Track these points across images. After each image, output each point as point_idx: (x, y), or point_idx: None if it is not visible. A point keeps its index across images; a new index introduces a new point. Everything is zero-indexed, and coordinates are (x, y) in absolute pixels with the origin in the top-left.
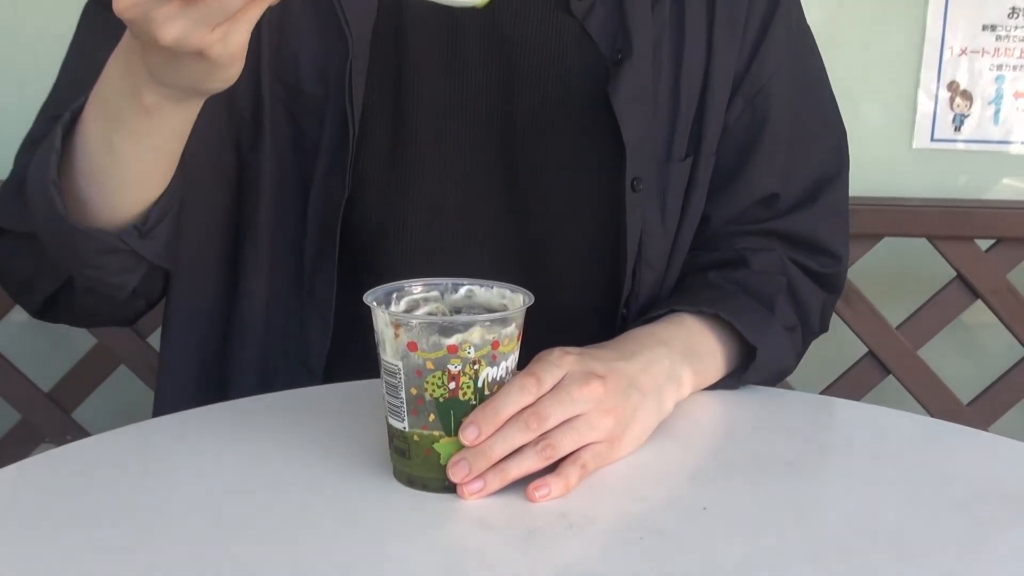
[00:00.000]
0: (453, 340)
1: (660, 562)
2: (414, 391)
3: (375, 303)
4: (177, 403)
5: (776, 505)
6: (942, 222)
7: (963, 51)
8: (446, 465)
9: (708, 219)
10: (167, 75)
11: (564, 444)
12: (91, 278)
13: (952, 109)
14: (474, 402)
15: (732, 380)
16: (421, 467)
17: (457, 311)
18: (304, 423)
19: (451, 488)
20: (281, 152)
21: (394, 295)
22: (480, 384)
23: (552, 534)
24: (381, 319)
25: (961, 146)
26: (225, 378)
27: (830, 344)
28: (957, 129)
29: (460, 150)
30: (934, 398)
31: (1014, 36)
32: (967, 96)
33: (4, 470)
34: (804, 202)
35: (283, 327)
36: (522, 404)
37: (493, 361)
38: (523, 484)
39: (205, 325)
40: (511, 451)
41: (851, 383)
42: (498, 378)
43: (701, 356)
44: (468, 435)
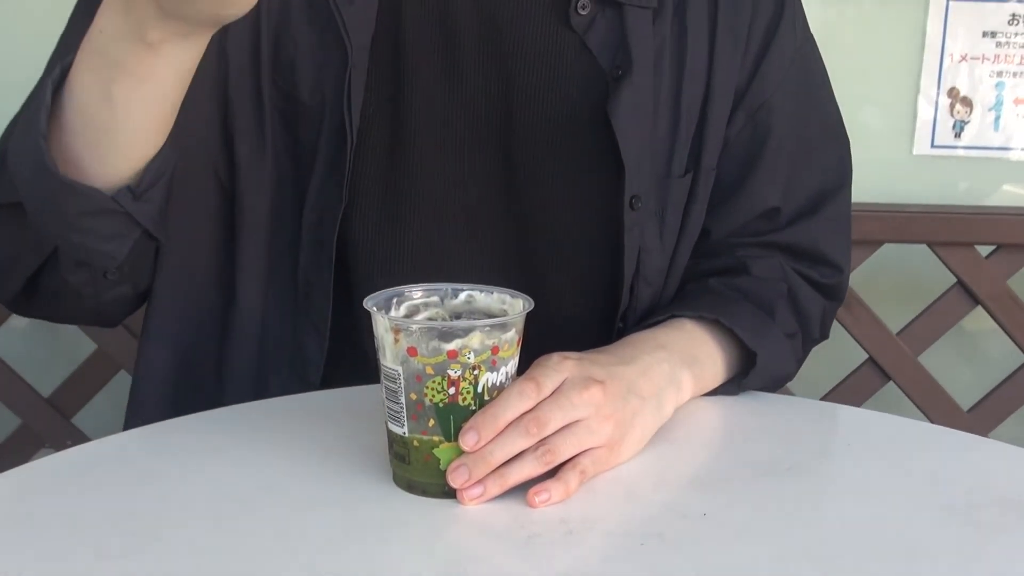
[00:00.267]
0: (453, 345)
1: (660, 567)
2: (414, 396)
3: (375, 308)
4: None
5: (776, 511)
6: (942, 228)
7: (963, 57)
8: (446, 470)
9: (708, 232)
10: (183, 5)
11: (564, 449)
12: (78, 246)
13: (952, 115)
14: (474, 407)
15: (732, 386)
16: (421, 472)
17: (457, 316)
18: (304, 428)
19: (451, 494)
20: (279, 160)
21: (394, 300)
22: (480, 389)
23: (552, 539)
24: (381, 324)
25: (961, 152)
26: (219, 386)
27: (830, 350)
28: (957, 135)
29: (458, 163)
30: (934, 404)
31: (1014, 43)
32: (967, 102)
33: (4, 475)
34: (805, 214)
35: (278, 337)
36: (522, 409)
37: (493, 366)
38: (523, 489)
39: (195, 331)
40: (511, 456)
41: (851, 389)
42: (498, 383)
43: (701, 361)
44: (468, 440)
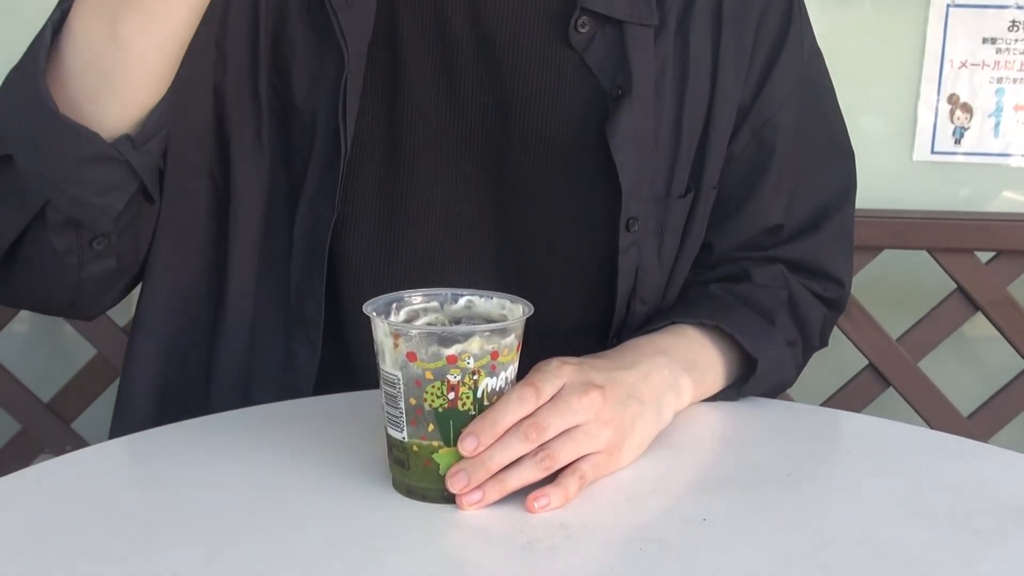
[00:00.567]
0: (452, 350)
1: (660, 573)
2: (413, 401)
3: (374, 313)
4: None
5: (776, 516)
6: (942, 234)
7: (963, 64)
8: (445, 475)
9: (711, 247)
10: None
11: (563, 454)
12: (72, 199)
13: (952, 122)
14: (473, 412)
15: (732, 392)
16: (420, 477)
17: (457, 321)
18: (303, 434)
19: (450, 499)
20: (274, 163)
21: (393, 305)
22: (479, 394)
23: (551, 545)
24: (380, 329)
25: (961, 159)
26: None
27: (830, 356)
28: (957, 142)
29: (453, 179)
30: (934, 410)
31: (1014, 49)
32: (967, 109)
33: (3, 480)
34: (808, 229)
35: (269, 348)
36: (521, 414)
37: (492, 371)
38: (522, 495)
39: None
40: (510, 462)
41: (851, 395)
42: (497, 388)
43: (701, 367)
44: (467, 446)
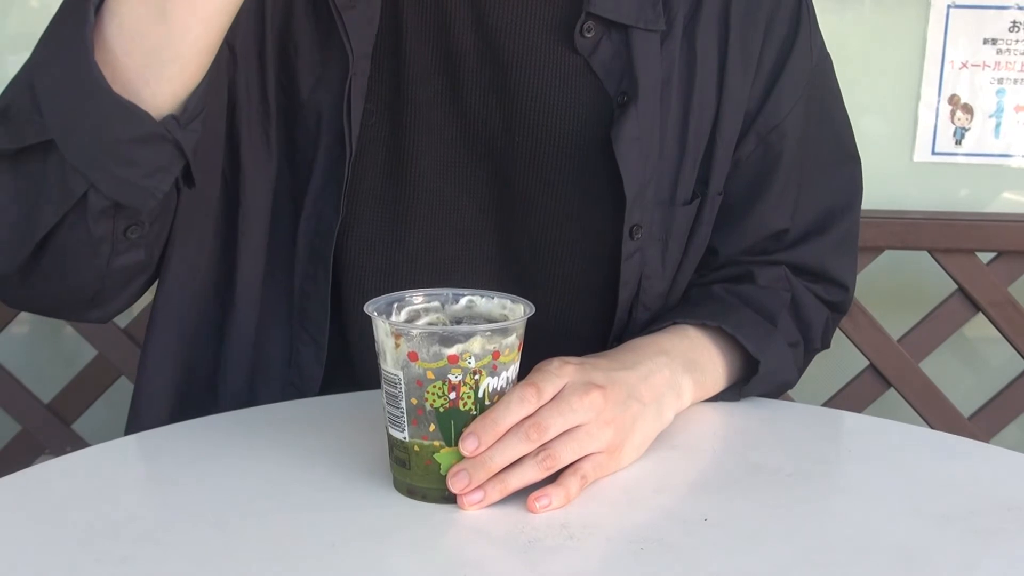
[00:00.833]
0: (454, 350)
1: (661, 573)
2: (414, 401)
3: (376, 313)
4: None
5: (777, 516)
6: (943, 235)
7: (964, 65)
8: (446, 475)
9: (715, 252)
10: None
11: (564, 455)
12: (120, 180)
13: (953, 122)
14: (474, 412)
15: (733, 392)
16: (421, 477)
17: (458, 321)
18: (304, 434)
19: (451, 498)
20: (280, 163)
21: (395, 305)
22: (480, 394)
23: (552, 545)
24: (382, 329)
25: (962, 159)
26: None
27: (831, 357)
28: (958, 142)
29: (456, 182)
30: (935, 411)
31: (1015, 50)
32: (968, 109)
33: (4, 480)
34: (813, 233)
35: (275, 348)
36: (522, 415)
37: (494, 371)
38: (523, 495)
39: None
40: (511, 462)
41: (852, 396)
42: (499, 388)
43: (702, 367)
44: (468, 445)
